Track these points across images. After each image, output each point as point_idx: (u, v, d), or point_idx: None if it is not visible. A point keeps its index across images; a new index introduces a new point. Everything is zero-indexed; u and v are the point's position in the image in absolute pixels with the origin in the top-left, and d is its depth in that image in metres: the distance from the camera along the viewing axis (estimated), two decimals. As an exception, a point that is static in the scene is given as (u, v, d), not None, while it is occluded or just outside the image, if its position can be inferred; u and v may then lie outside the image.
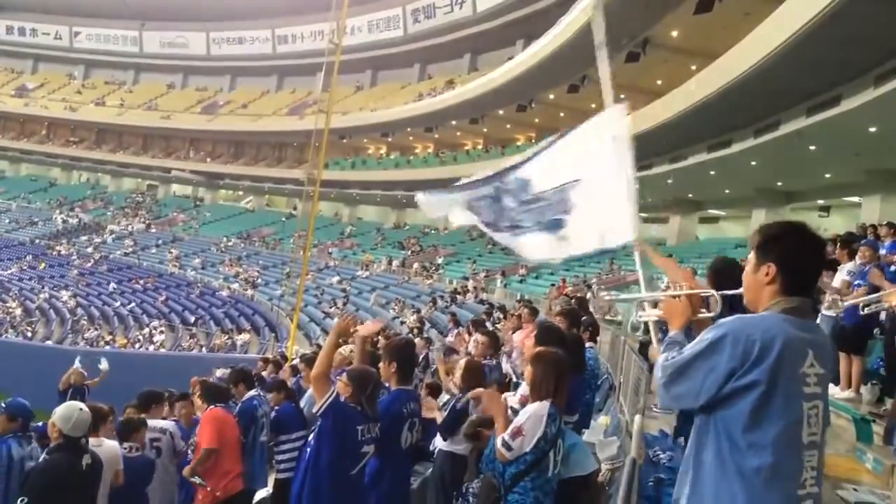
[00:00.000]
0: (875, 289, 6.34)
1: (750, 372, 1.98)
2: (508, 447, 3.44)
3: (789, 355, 2.00)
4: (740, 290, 2.27)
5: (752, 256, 2.20)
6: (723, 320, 2.16)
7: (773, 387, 1.98)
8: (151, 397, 6.53)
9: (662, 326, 2.53)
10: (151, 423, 6.07)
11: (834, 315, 6.68)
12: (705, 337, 2.07)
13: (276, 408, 6.22)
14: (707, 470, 2.06)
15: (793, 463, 1.99)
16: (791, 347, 2.01)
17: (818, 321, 6.56)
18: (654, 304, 2.74)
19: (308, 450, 4.21)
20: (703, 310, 2.45)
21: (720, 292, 2.55)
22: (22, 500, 4.04)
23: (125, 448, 5.56)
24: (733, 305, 2.47)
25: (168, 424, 6.31)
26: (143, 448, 5.69)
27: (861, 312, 5.90)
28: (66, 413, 4.34)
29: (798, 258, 2.13)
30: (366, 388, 4.20)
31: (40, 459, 4.55)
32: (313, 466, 4.08)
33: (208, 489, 5.40)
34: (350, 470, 4.11)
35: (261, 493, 6.25)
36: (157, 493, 5.88)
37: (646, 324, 2.89)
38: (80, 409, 4.43)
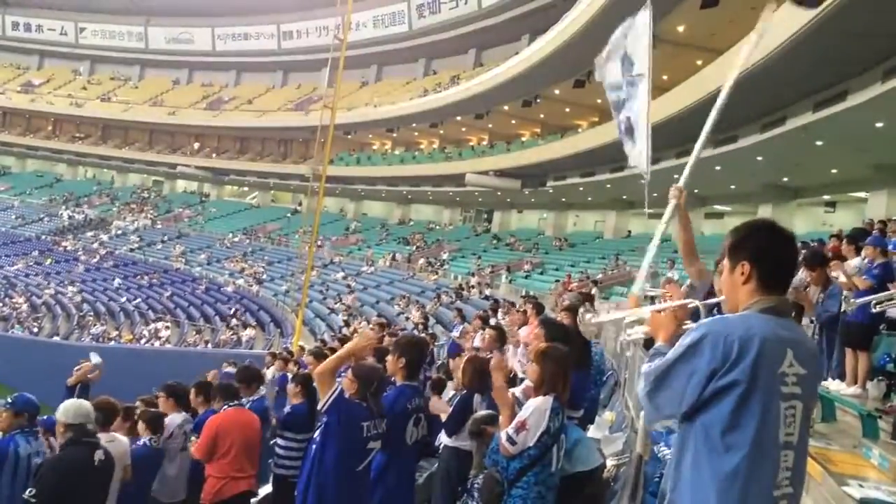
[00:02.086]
0: (882, 285, 6.33)
1: (730, 372, 1.97)
2: (512, 441, 3.46)
3: (768, 354, 1.99)
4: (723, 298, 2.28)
5: (726, 261, 2.20)
6: (700, 322, 2.15)
7: (753, 386, 1.97)
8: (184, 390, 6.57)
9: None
10: (185, 415, 6.17)
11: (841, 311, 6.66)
12: (684, 341, 2.07)
13: (293, 404, 6.20)
14: (685, 478, 2.06)
15: (768, 463, 1.98)
16: (770, 347, 2.00)
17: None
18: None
19: (313, 447, 4.21)
20: (689, 321, 2.45)
21: (704, 301, 2.55)
22: (30, 492, 4.05)
23: (153, 440, 5.62)
24: None
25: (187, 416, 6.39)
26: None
27: (873, 310, 5.87)
28: (67, 407, 4.44)
29: (770, 252, 2.13)
30: (371, 385, 4.20)
31: (56, 453, 4.57)
32: (319, 463, 4.08)
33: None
34: (356, 466, 4.12)
35: (264, 490, 6.27)
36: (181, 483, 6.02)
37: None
38: (81, 403, 4.52)
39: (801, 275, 6.87)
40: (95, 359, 10.77)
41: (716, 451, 1.99)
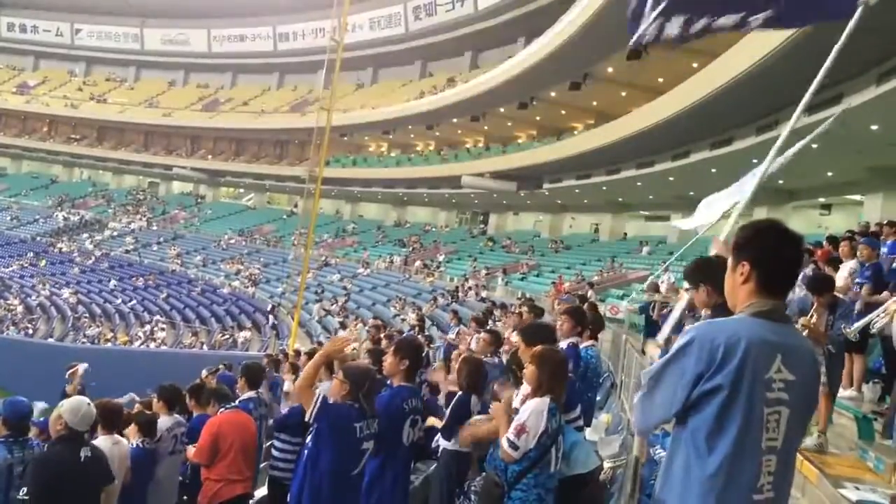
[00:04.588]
0: (878, 284, 6.34)
1: (714, 376, 1.97)
2: (514, 446, 3.45)
3: (753, 359, 1.98)
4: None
5: (729, 259, 2.19)
6: (692, 326, 2.16)
7: (736, 391, 1.97)
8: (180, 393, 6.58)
9: None
10: (177, 417, 6.17)
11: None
12: (676, 344, 2.08)
13: (291, 407, 6.19)
14: (673, 479, 2.07)
15: (749, 467, 1.98)
16: (756, 351, 1.99)
17: None
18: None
19: (305, 452, 4.18)
20: None
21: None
22: (23, 492, 4.03)
23: (146, 441, 5.62)
24: None
25: (180, 418, 6.38)
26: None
27: (872, 330, 5.77)
28: (75, 406, 4.33)
29: (771, 255, 2.11)
30: (362, 386, 4.16)
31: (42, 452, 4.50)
32: (312, 468, 4.05)
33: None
34: (352, 469, 4.09)
35: (260, 492, 6.26)
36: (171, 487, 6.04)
37: None
38: (88, 403, 4.44)
39: (800, 293, 6.65)
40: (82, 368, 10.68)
41: (699, 454, 2.00)
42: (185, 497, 6.04)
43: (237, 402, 6.22)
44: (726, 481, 1.97)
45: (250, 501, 5.94)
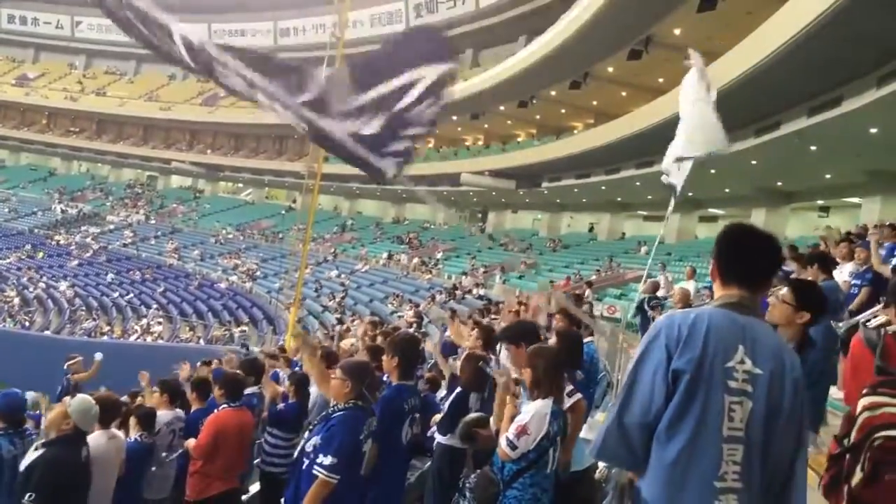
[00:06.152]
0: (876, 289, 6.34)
1: (680, 357, 2.03)
2: (513, 446, 3.44)
3: (714, 347, 2.04)
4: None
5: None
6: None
7: (698, 378, 2.02)
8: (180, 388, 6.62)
9: None
10: (177, 412, 6.24)
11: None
12: (643, 343, 2.14)
13: (287, 402, 6.17)
14: (649, 469, 2.10)
15: (709, 454, 2.00)
16: (717, 339, 2.05)
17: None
18: None
19: (305, 461, 3.98)
20: None
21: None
22: (29, 497, 4.00)
23: (143, 435, 5.62)
24: None
25: (180, 413, 6.40)
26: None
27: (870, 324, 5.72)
28: (84, 407, 4.36)
29: (729, 250, 2.23)
30: (364, 380, 4.11)
31: (41, 452, 4.45)
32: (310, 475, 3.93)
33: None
34: (356, 474, 3.99)
35: (254, 487, 6.24)
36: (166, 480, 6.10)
37: None
38: (94, 403, 4.47)
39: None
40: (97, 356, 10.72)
41: (660, 443, 2.05)
42: (178, 490, 6.04)
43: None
44: (686, 466, 2.00)
45: (243, 497, 5.93)
